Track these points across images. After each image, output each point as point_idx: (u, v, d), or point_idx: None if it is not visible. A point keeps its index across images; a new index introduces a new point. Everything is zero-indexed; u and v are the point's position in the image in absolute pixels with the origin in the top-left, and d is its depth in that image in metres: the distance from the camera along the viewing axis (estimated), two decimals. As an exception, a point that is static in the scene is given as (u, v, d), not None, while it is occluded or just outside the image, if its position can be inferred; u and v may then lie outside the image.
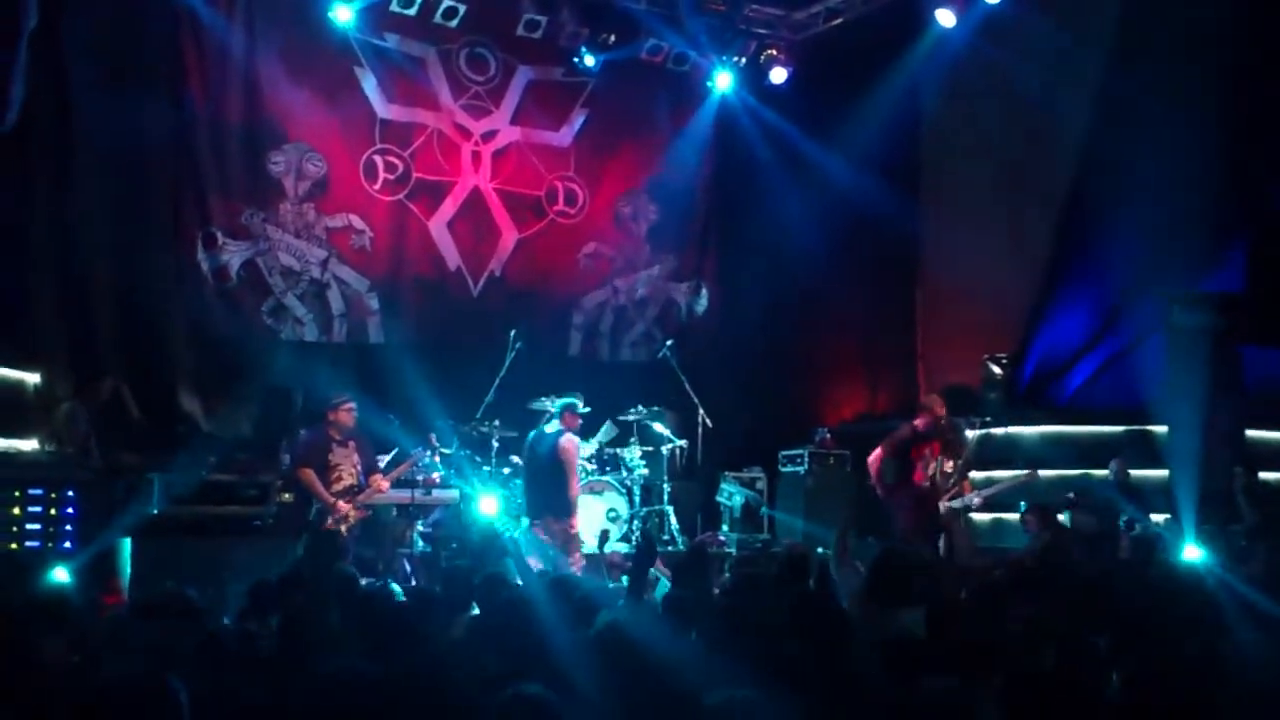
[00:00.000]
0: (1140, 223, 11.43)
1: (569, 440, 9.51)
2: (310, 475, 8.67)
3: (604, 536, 9.93)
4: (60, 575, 6.70)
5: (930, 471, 9.72)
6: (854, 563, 7.17)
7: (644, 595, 6.38)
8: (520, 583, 6.03)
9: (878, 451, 9.88)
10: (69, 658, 4.45)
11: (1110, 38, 12.17)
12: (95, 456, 9.29)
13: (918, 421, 9.89)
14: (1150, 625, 4.70)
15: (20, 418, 9.72)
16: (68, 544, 8.20)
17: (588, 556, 9.46)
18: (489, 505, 9.69)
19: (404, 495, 9.61)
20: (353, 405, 8.96)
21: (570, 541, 9.42)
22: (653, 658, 3.84)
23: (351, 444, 8.93)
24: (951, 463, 9.77)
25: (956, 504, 9.78)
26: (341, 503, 8.63)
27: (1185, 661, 3.91)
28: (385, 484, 9.04)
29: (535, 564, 8.18)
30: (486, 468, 10.62)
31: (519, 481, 10.91)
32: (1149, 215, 11.40)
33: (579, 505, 10.47)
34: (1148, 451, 11.35)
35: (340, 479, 8.76)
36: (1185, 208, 11.41)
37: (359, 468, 8.90)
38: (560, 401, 9.79)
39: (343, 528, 8.64)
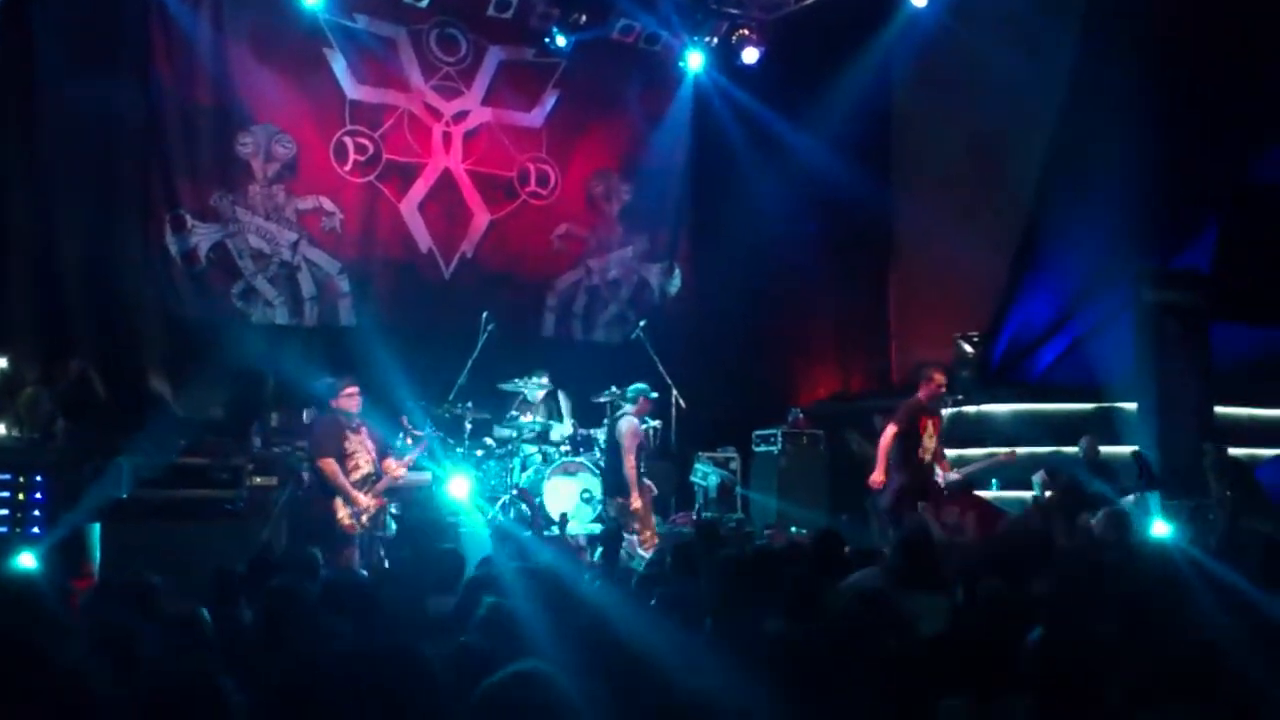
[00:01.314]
0: (1110, 201, 11.48)
1: (627, 423, 10.22)
2: (333, 467, 8.43)
3: (563, 519, 9.97)
4: (26, 561, 6.63)
5: (928, 446, 9.61)
6: None
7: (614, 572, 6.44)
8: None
9: (890, 430, 9.60)
10: (40, 644, 4.40)
11: (1080, 17, 12.21)
12: (60, 439, 9.21)
13: (920, 394, 9.73)
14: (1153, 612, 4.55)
15: (-13, 402, 9.65)
16: (36, 529, 8.14)
17: (551, 539, 9.48)
18: (460, 487, 9.68)
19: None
20: (356, 389, 8.75)
21: (629, 517, 9.89)
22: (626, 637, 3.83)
23: (363, 429, 8.74)
24: (937, 438, 9.76)
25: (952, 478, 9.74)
26: (362, 496, 8.47)
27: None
28: (400, 470, 8.86)
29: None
30: (459, 449, 10.60)
31: (492, 463, 10.96)
32: (1119, 193, 11.46)
33: (553, 486, 10.63)
34: (1117, 428, 11.44)
35: (358, 467, 8.56)
36: (1154, 186, 11.47)
37: (373, 454, 8.72)
38: (633, 388, 10.49)
39: (363, 519, 8.46)
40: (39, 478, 8.33)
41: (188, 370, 11.10)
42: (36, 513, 8.28)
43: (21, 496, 8.26)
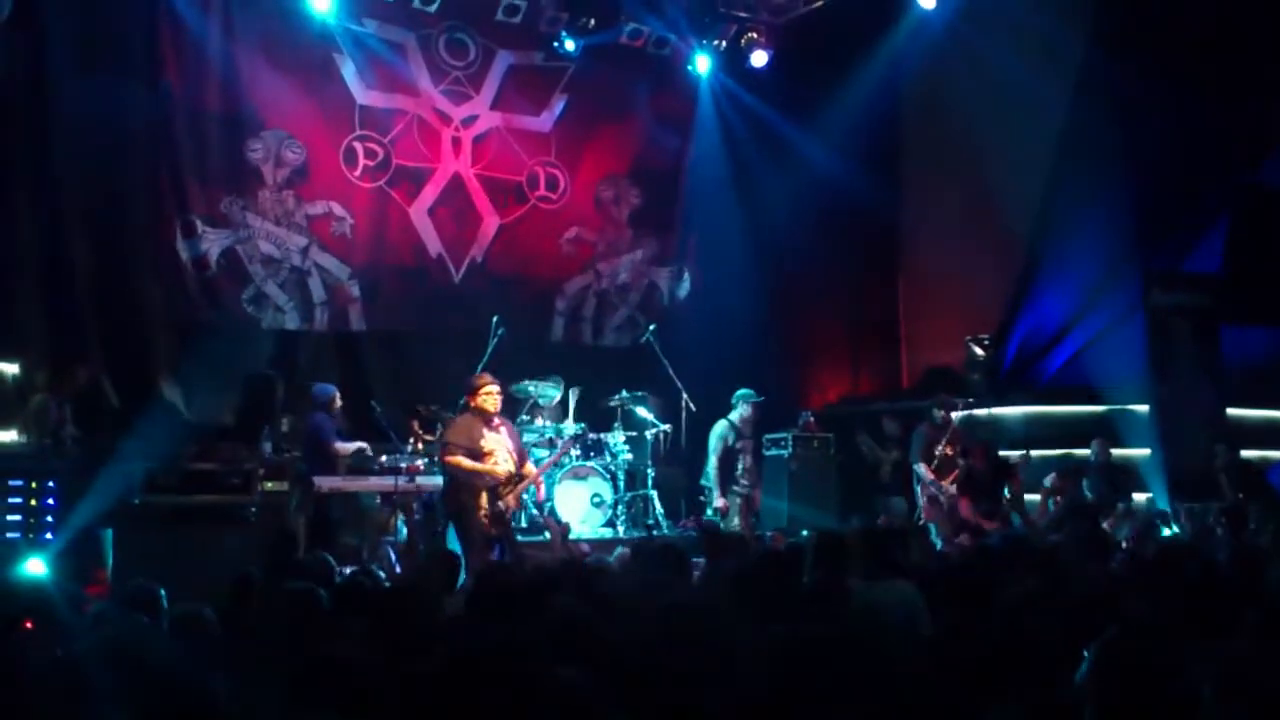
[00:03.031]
0: (1119, 203, 11.48)
1: (716, 426, 10.88)
2: (458, 459, 8.29)
3: (566, 528, 9.87)
4: (36, 567, 6.61)
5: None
6: None
7: None
8: None
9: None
10: (52, 652, 4.41)
11: (1089, 19, 12.20)
12: (71, 445, 9.23)
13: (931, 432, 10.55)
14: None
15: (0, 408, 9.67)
16: (48, 535, 8.16)
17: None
18: None
19: (387, 484, 9.58)
20: (495, 386, 8.55)
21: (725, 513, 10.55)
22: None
23: (503, 428, 8.60)
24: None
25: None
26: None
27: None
28: (538, 474, 8.80)
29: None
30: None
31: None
32: (1128, 195, 11.46)
33: (564, 490, 10.64)
34: (1129, 431, 11.43)
35: (497, 465, 8.40)
36: (1164, 188, 11.47)
37: (514, 454, 8.53)
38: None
39: (499, 518, 8.32)
40: (51, 483, 8.34)
41: (198, 375, 11.11)
42: (49, 519, 8.29)
43: (34, 502, 8.26)
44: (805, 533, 11.18)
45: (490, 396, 8.49)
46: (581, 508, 10.90)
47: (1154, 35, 11.41)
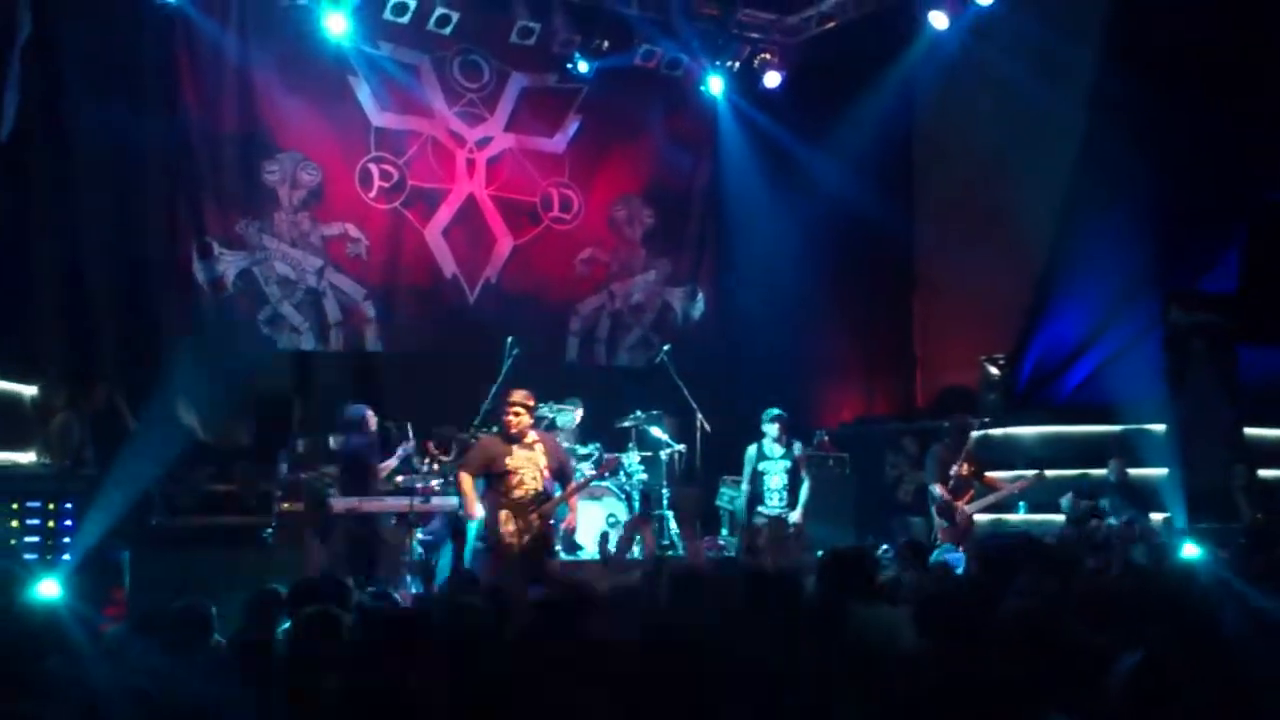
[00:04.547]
0: (1134, 222, 11.44)
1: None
2: (466, 483, 8.07)
3: (604, 539, 9.92)
4: (49, 589, 6.58)
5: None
6: None
7: None
8: None
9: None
10: (68, 674, 4.40)
11: (1101, 37, 12.21)
12: (90, 466, 9.25)
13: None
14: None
15: (18, 430, 9.68)
16: (66, 556, 8.16)
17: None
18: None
19: (401, 503, 9.56)
20: (519, 404, 8.17)
21: None
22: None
23: (539, 445, 8.26)
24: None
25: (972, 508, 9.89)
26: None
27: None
28: (567, 494, 8.47)
29: None
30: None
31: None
32: (1143, 215, 11.42)
33: (579, 511, 10.56)
34: (1146, 451, 11.36)
35: (521, 483, 8.07)
36: (1181, 206, 11.44)
37: (546, 471, 8.21)
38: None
39: (523, 538, 8.02)
40: (68, 505, 8.34)
41: (214, 397, 11.13)
42: (65, 540, 8.29)
43: (51, 524, 8.26)
44: (820, 553, 11.20)
45: (510, 413, 8.26)
46: (596, 528, 10.86)
47: (1169, 53, 11.40)
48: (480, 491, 8.25)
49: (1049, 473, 10.44)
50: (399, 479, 9.94)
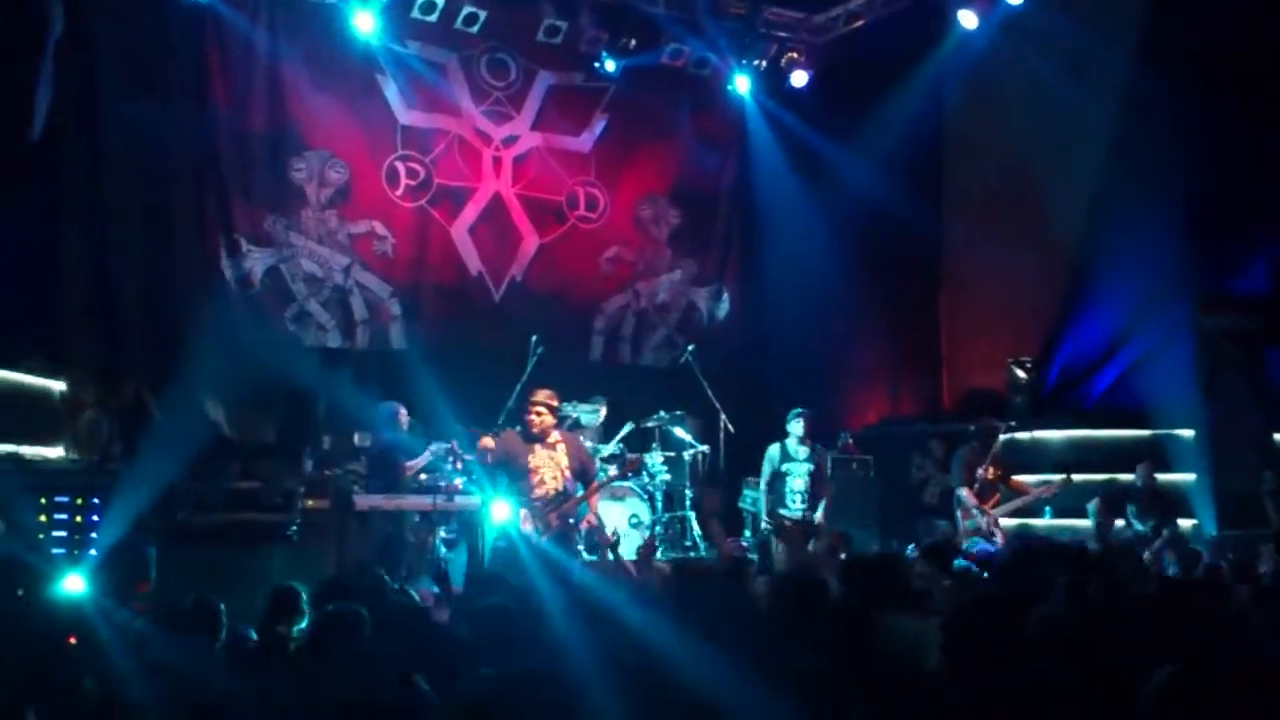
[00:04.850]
0: (1164, 224, 11.35)
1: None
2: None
3: (616, 542, 9.85)
4: (75, 583, 6.60)
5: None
6: None
7: None
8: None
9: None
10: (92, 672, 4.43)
11: (1133, 37, 12.10)
12: (118, 461, 9.30)
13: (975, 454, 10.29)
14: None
15: (47, 425, 9.76)
16: (93, 552, 8.21)
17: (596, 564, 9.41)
18: (502, 511, 9.65)
19: (425, 502, 9.58)
20: (541, 404, 8.36)
21: None
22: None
23: (561, 445, 8.44)
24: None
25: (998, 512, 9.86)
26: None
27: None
28: (587, 494, 8.53)
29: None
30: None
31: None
32: (1173, 217, 11.33)
33: (601, 511, 10.53)
34: (1175, 456, 11.27)
35: (542, 483, 8.26)
36: (1211, 209, 11.33)
37: (567, 471, 8.36)
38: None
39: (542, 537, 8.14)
40: (95, 500, 8.39)
41: (241, 393, 11.19)
42: (94, 535, 8.34)
43: (79, 519, 8.32)
44: (843, 556, 11.15)
45: (533, 413, 8.38)
46: (619, 528, 10.85)
47: (1202, 56, 11.29)
48: (501, 489, 8.30)
49: (1076, 477, 10.37)
50: (423, 477, 9.95)
